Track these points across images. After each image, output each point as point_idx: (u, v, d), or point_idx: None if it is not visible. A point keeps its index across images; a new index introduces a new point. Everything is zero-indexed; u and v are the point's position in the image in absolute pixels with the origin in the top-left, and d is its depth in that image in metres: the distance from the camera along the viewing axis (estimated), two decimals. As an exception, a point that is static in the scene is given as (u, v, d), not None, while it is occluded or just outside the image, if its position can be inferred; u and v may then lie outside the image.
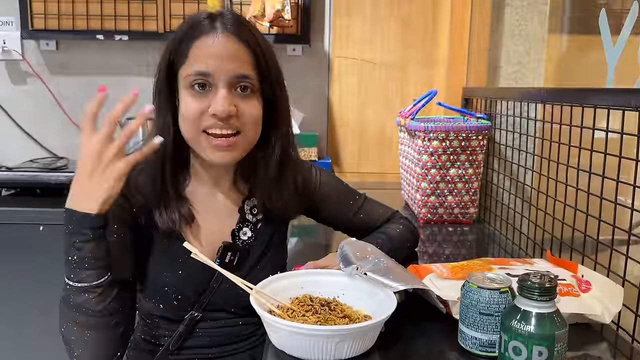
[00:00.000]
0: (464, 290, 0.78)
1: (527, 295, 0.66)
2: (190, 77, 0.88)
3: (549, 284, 0.66)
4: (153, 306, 0.98)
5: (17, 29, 2.18)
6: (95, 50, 2.24)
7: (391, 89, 2.29)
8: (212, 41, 0.87)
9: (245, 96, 0.90)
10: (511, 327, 0.67)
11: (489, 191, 1.67)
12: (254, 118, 0.91)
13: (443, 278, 0.92)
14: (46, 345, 1.81)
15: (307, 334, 0.70)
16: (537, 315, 0.66)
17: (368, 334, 0.74)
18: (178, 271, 0.96)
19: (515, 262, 1.01)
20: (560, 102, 1.13)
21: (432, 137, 1.49)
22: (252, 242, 1.02)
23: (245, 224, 1.02)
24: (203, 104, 0.88)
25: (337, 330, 0.71)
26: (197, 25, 0.89)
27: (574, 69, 1.85)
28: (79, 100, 2.28)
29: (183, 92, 0.90)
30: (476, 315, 0.75)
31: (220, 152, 0.90)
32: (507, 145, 1.56)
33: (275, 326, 0.73)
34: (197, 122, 0.89)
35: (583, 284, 0.91)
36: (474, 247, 1.43)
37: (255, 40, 0.90)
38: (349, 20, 2.24)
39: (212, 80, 0.87)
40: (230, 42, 0.88)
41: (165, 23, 2.09)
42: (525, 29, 1.79)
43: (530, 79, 1.79)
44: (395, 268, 0.87)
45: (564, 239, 1.15)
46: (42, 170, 1.98)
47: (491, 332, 0.75)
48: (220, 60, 0.87)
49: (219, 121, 0.87)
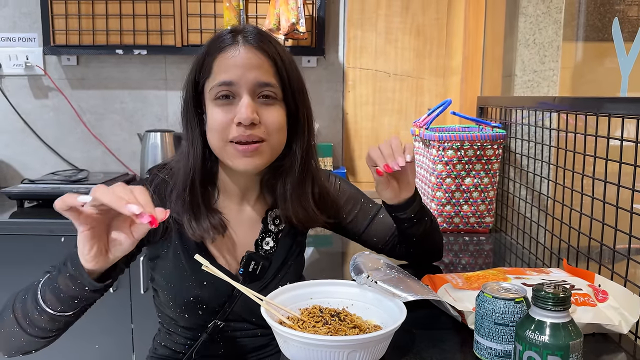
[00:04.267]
0: (479, 300, 0.78)
1: (541, 305, 0.66)
2: (214, 89, 0.91)
3: (563, 294, 0.66)
4: (178, 316, 0.99)
5: (40, 45, 2.24)
6: (114, 65, 2.29)
7: (405, 99, 2.30)
8: (234, 53, 0.90)
9: (268, 104, 0.92)
10: (525, 337, 0.67)
11: (505, 200, 1.66)
12: (277, 125, 0.93)
13: (458, 288, 0.93)
14: (65, 348, 1.84)
15: (318, 344, 0.71)
16: (552, 325, 0.66)
17: (379, 344, 0.74)
18: (203, 282, 0.97)
19: (531, 271, 1.01)
20: (574, 111, 1.13)
21: (446, 147, 1.49)
22: (274, 251, 1.03)
23: (267, 234, 1.03)
24: (229, 115, 0.90)
25: (349, 340, 0.71)
26: (220, 40, 0.92)
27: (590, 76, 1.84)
28: (99, 114, 2.33)
29: (209, 105, 0.93)
30: (491, 326, 0.75)
31: (245, 159, 0.91)
32: (522, 154, 1.56)
33: (286, 337, 0.74)
34: (224, 132, 0.91)
35: (600, 293, 0.90)
36: (490, 257, 1.42)
37: (276, 50, 0.93)
38: (362, 31, 2.26)
39: (236, 89, 0.90)
40: (252, 53, 0.90)
41: (183, 38, 2.14)
42: (539, 37, 1.79)
43: (545, 87, 1.78)
44: (407, 279, 0.88)
45: (580, 248, 1.14)
46: (63, 182, 2.02)
47: (506, 342, 0.75)
48: (242, 69, 0.89)
49: (244, 129, 0.89)
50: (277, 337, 0.77)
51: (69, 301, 0.78)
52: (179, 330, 1.02)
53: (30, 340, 0.82)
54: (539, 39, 1.78)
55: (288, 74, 0.93)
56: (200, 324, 0.99)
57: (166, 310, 1.02)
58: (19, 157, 2.35)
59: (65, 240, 1.77)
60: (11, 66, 2.28)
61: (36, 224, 1.82)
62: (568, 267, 1.03)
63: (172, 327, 1.03)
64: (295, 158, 0.98)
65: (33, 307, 0.79)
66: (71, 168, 2.33)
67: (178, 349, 1.03)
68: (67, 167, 2.34)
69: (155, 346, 1.08)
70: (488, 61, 2.00)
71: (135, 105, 2.33)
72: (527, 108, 1.47)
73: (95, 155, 2.36)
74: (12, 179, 2.34)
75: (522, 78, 1.80)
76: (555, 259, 1.28)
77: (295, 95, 0.95)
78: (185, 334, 1.01)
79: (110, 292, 1.80)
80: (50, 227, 1.80)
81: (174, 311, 0.99)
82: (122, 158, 2.35)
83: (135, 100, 2.33)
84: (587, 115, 1.08)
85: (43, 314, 0.78)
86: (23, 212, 1.93)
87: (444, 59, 2.26)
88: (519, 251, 1.44)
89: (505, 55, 1.88)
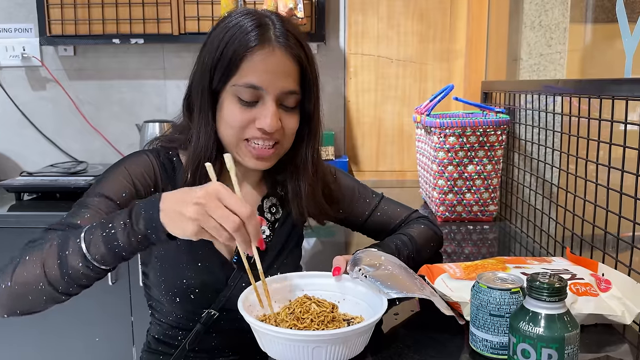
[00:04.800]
0: (474, 290, 0.77)
1: (535, 295, 0.65)
2: (240, 88, 0.89)
3: (558, 284, 0.64)
4: (168, 301, 0.98)
5: (36, 35, 2.24)
6: (111, 55, 2.29)
7: (409, 85, 2.27)
8: (265, 56, 0.88)
9: (288, 110, 0.93)
10: (519, 328, 0.66)
11: (509, 188, 1.64)
12: (292, 130, 0.95)
13: (456, 278, 0.91)
14: (65, 340, 1.85)
15: (282, 337, 0.71)
16: (546, 316, 0.64)
17: (349, 341, 0.73)
18: (197, 263, 0.97)
19: (532, 260, 0.99)
20: (577, 94, 1.10)
21: (448, 134, 1.47)
22: (270, 240, 1.03)
23: None
24: (249, 116, 0.90)
25: (312, 335, 0.71)
26: (247, 34, 0.89)
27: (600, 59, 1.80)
28: (97, 104, 2.33)
29: (229, 98, 0.91)
30: (487, 317, 0.74)
31: (259, 161, 0.93)
32: (526, 140, 1.53)
33: (254, 329, 0.75)
34: (241, 131, 0.91)
35: (602, 282, 0.88)
36: (494, 246, 1.41)
37: (305, 54, 0.92)
38: (364, 16, 2.23)
39: (262, 94, 0.90)
40: (284, 58, 0.89)
41: (180, 25, 2.12)
42: (546, 19, 1.75)
43: (552, 71, 1.75)
44: (400, 275, 0.86)
45: (585, 237, 1.12)
46: (62, 174, 2.02)
47: (502, 334, 0.74)
48: (272, 76, 0.89)
49: (263, 133, 0.90)
50: (252, 329, 0.77)
51: (123, 256, 0.77)
52: (170, 320, 1.01)
53: (52, 296, 0.78)
54: (545, 20, 1.75)
55: (312, 81, 0.94)
56: (192, 312, 0.98)
57: (156, 295, 1.01)
58: (17, 150, 2.36)
59: (63, 233, 1.77)
60: (7, 57, 2.27)
61: (35, 216, 1.83)
62: (571, 255, 1.01)
63: (164, 316, 1.02)
64: (307, 158, 1.00)
65: (76, 260, 0.75)
66: (70, 160, 2.34)
67: (171, 340, 1.02)
68: (66, 159, 2.34)
69: (149, 340, 1.08)
70: (492, 44, 1.97)
71: (133, 95, 2.33)
72: (531, 92, 1.44)
73: (94, 147, 2.36)
74: (10, 172, 2.35)
75: (528, 62, 1.77)
76: (560, 247, 1.26)
77: (313, 102, 0.96)
78: (177, 323, 1.01)
79: (109, 284, 1.81)
80: (49, 220, 1.78)
81: (165, 295, 0.97)
82: (120, 149, 2.35)
83: (133, 91, 2.32)
84: (590, 98, 1.05)
85: (86, 268, 0.76)
86: (22, 205, 1.94)
87: (448, 42, 2.23)
88: (524, 240, 1.42)
89: (510, 38, 1.85)
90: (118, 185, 0.91)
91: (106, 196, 0.89)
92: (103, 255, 0.76)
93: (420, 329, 0.87)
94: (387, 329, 0.87)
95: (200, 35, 2.05)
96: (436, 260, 1.19)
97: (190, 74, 0.97)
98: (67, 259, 0.76)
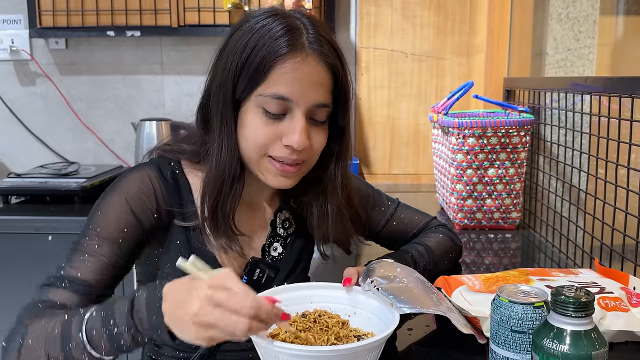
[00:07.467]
0: (494, 304, 0.77)
1: (560, 310, 0.65)
2: (266, 97, 0.85)
3: (585, 298, 0.64)
4: None
5: (26, 27, 2.27)
6: (105, 48, 2.31)
7: (425, 82, 2.28)
8: (298, 65, 0.85)
9: (317, 124, 0.90)
10: (543, 346, 0.66)
11: (533, 193, 1.64)
12: (320, 147, 0.92)
13: (474, 291, 0.91)
14: None
15: (287, 354, 0.71)
16: (572, 333, 0.64)
17: (358, 357, 0.72)
18: None
19: (558, 272, 0.99)
20: (607, 93, 1.10)
21: (467, 134, 1.47)
22: (282, 258, 1.03)
23: (276, 238, 1.03)
24: (275, 130, 0.87)
25: (319, 351, 0.72)
26: (277, 39, 0.85)
27: (631, 54, 1.80)
28: (90, 101, 2.35)
29: (252, 108, 0.88)
30: (508, 333, 0.74)
31: (281, 178, 0.90)
32: (552, 142, 1.53)
33: (257, 345, 0.75)
34: (264, 147, 0.88)
35: (634, 297, 0.88)
36: (517, 256, 1.41)
37: (340, 62, 0.89)
38: (377, 6, 2.24)
39: (291, 106, 0.86)
40: (318, 67, 0.86)
41: (179, 17, 2.13)
42: (573, 11, 1.75)
43: (580, 67, 1.75)
44: (416, 289, 0.86)
45: (614, 247, 1.12)
46: (52, 176, 2.04)
47: (524, 352, 0.74)
48: (304, 86, 0.85)
49: (290, 152, 0.87)
50: None
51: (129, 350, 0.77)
52: None
53: None
54: (573, 12, 1.74)
55: (345, 93, 0.91)
56: None
57: None
58: (5, 149, 2.39)
59: (52, 238, 1.79)
60: (-5, 51, 2.31)
61: (23, 221, 1.85)
62: (600, 267, 1.01)
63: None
64: (336, 179, 0.97)
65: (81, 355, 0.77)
66: (61, 161, 2.36)
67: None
68: (57, 160, 2.37)
69: (145, 358, 1.08)
70: (516, 38, 1.97)
71: (128, 91, 2.35)
72: (558, 90, 1.44)
73: (87, 147, 2.38)
74: (-3, 173, 2.38)
75: (554, 57, 1.77)
76: (587, 258, 1.26)
77: (343, 115, 0.93)
78: (173, 352, 1.00)
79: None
80: (37, 224, 1.82)
81: None
82: (115, 149, 2.37)
83: (128, 87, 2.34)
84: (621, 97, 1.05)
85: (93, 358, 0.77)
86: (9, 208, 1.96)
87: (468, 36, 2.23)
88: (549, 250, 1.42)
89: (535, 31, 1.85)
90: (117, 221, 0.89)
91: (107, 238, 0.88)
92: (109, 351, 0.77)
93: (436, 347, 0.87)
94: (400, 345, 0.88)
95: (201, 28, 2.06)
96: (454, 271, 1.19)
97: (205, 79, 0.93)
98: (72, 352, 0.77)
